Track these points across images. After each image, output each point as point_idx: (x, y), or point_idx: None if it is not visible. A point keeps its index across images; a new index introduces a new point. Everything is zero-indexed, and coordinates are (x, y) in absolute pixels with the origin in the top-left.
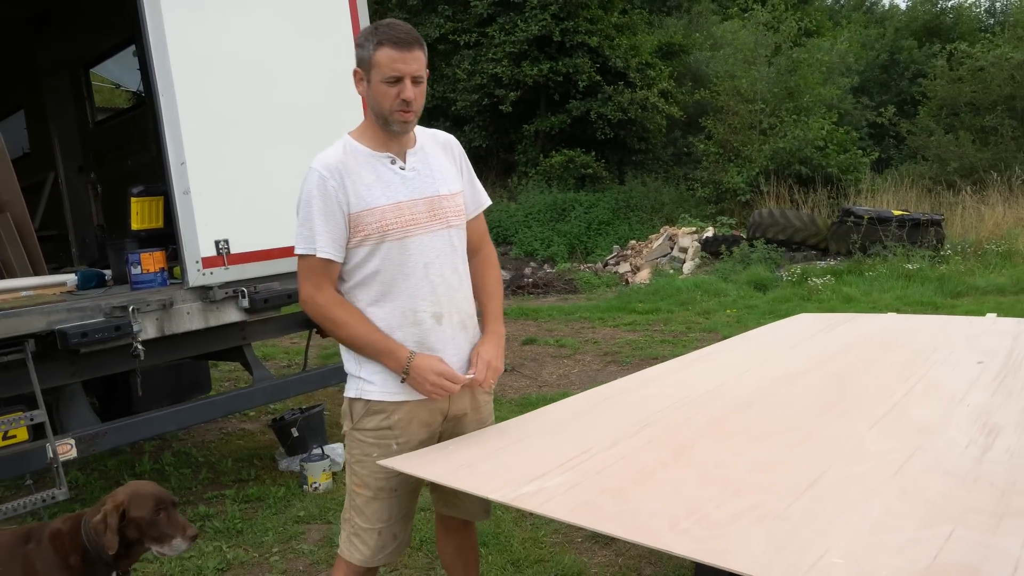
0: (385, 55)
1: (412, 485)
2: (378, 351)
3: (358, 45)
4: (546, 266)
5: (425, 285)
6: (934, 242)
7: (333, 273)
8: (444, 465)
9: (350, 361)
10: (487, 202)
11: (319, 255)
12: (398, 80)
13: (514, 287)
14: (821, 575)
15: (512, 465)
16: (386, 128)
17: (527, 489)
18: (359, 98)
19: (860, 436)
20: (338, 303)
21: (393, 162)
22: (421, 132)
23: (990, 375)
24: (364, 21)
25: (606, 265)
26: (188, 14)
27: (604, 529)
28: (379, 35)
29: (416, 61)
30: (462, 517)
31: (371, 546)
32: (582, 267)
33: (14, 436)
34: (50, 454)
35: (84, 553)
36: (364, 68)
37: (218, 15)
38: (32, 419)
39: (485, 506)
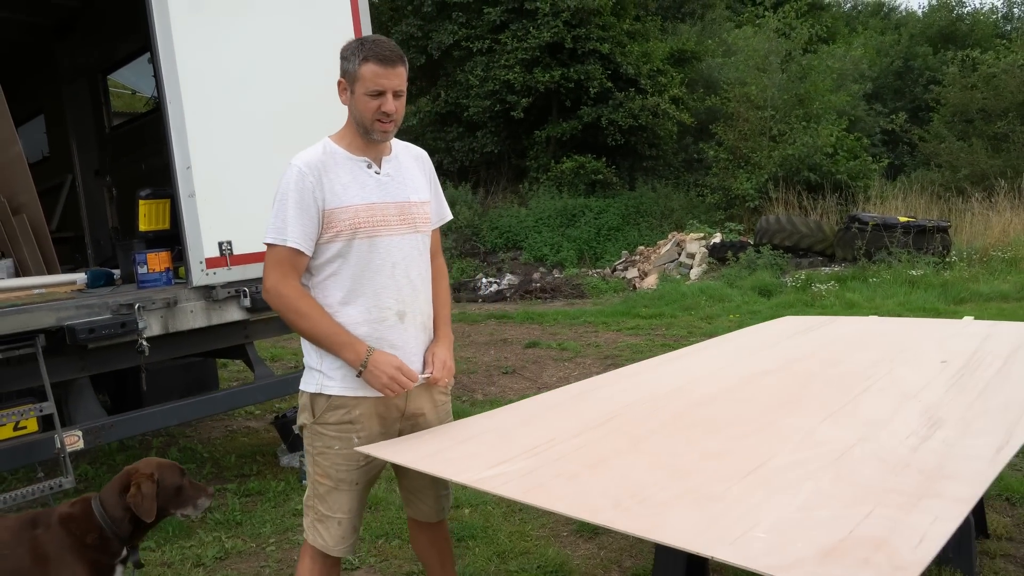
0: (370, 70)
1: (369, 479)
2: (339, 343)
3: (343, 58)
4: (555, 271)
5: (391, 284)
6: (940, 248)
7: (300, 265)
8: (413, 452)
9: (311, 355)
10: (449, 216)
11: (289, 244)
12: (380, 94)
13: (522, 292)
14: (742, 547)
15: (477, 452)
16: (366, 136)
17: (488, 473)
18: None
19: (811, 428)
20: (302, 295)
21: (369, 166)
22: (397, 143)
23: (949, 373)
24: (366, 27)
25: (614, 270)
26: (196, 25)
27: (553, 508)
28: (365, 50)
29: (398, 77)
30: (418, 518)
31: (333, 535)
32: (591, 272)
33: (24, 427)
34: (58, 444)
35: (100, 532)
36: (348, 80)
37: (226, 25)
38: (42, 411)
39: (439, 507)
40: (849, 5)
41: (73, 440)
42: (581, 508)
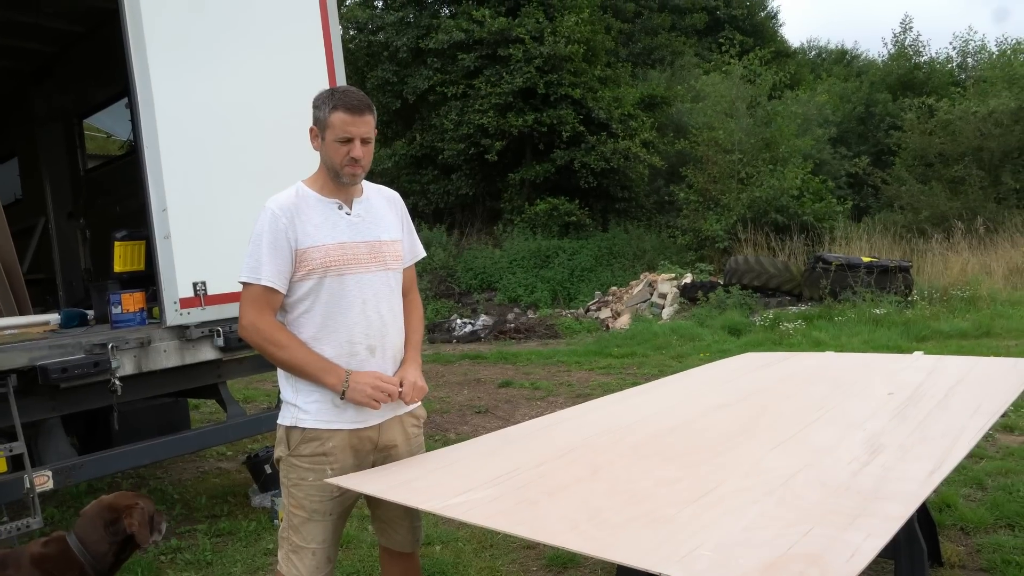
0: (339, 118)
1: (343, 510)
2: (319, 369)
3: (315, 107)
4: (529, 312)
5: (362, 320)
6: (902, 288)
7: (275, 302)
8: (383, 482)
9: (287, 389)
10: (422, 253)
11: (263, 283)
12: (349, 140)
13: (496, 332)
14: (688, 564)
15: (444, 482)
16: (336, 180)
17: (454, 501)
18: None
19: (760, 456)
20: (278, 327)
21: (340, 207)
22: (368, 186)
23: (894, 404)
24: (340, 75)
25: (588, 311)
26: (174, 71)
27: (514, 531)
28: (335, 100)
29: (366, 124)
30: (393, 548)
31: (308, 566)
32: (564, 313)
33: None
34: (27, 484)
35: (80, 569)
36: (319, 127)
37: (203, 72)
38: (11, 451)
39: (413, 538)
40: (814, 53)
41: (43, 480)
42: (540, 531)
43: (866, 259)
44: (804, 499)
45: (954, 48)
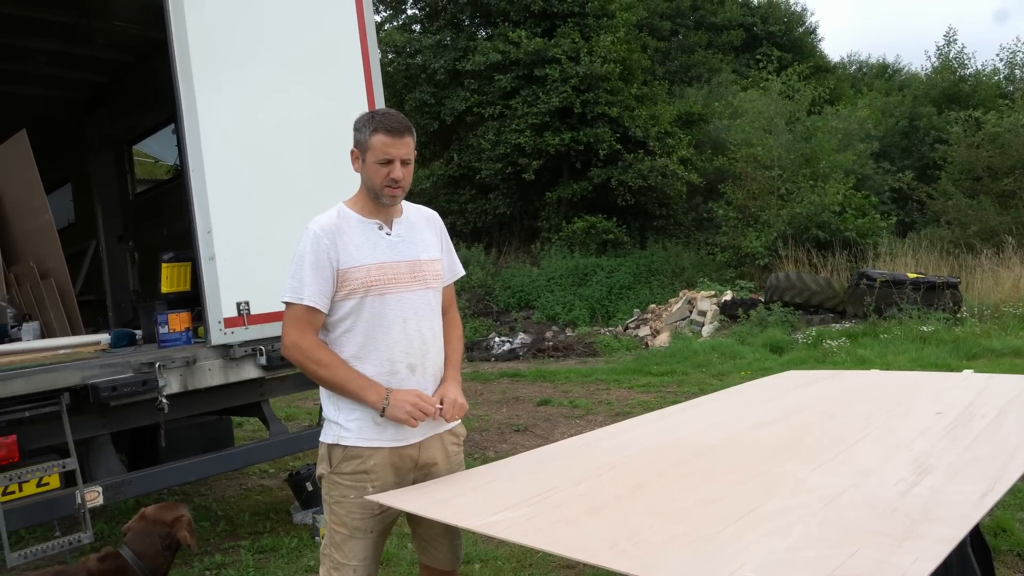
0: (379, 140)
1: (384, 528)
2: (359, 387)
3: (356, 129)
4: (567, 330)
5: (402, 339)
6: (951, 304)
7: (317, 322)
8: (422, 500)
9: (329, 407)
10: (461, 272)
11: (305, 303)
12: (389, 162)
13: (534, 350)
14: None
15: (483, 500)
16: (376, 201)
17: (493, 519)
18: None
19: (803, 476)
20: (320, 346)
21: (380, 228)
22: (408, 206)
23: (943, 424)
24: (379, 98)
25: (626, 329)
26: (219, 99)
27: (552, 549)
28: (375, 122)
29: (405, 146)
30: (434, 565)
31: None
32: (603, 331)
33: (47, 483)
34: (79, 500)
35: None
36: (360, 149)
37: (247, 98)
38: (64, 467)
39: (454, 556)
40: (854, 67)
41: (93, 496)
42: (579, 550)
43: (912, 275)
44: (849, 520)
45: (1001, 60)
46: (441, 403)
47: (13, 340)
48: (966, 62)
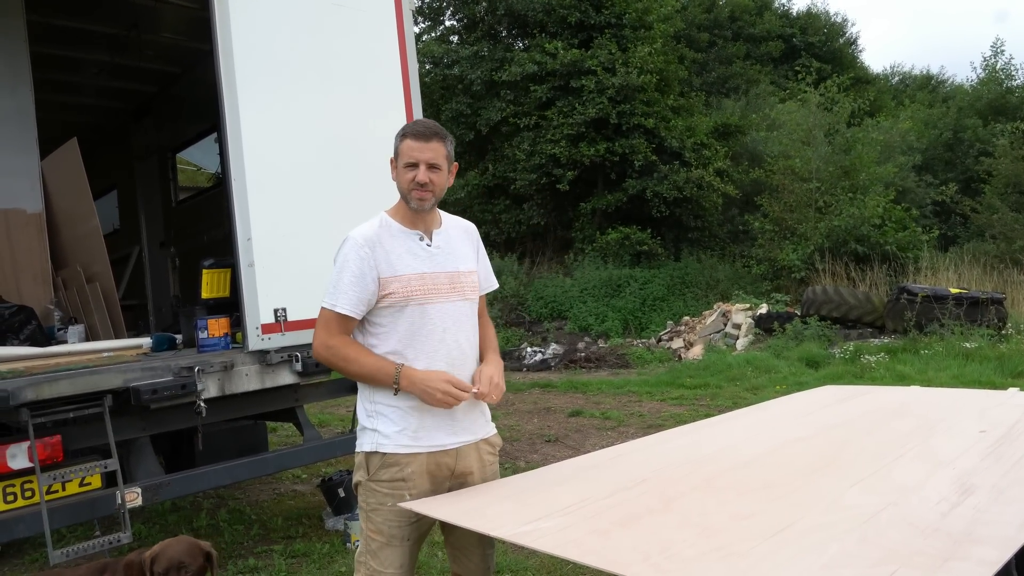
0: (407, 145)
1: (419, 536)
2: (389, 374)
3: (394, 139)
4: (600, 341)
5: (441, 348)
6: (995, 320)
7: (347, 328)
8: (455, 508)
9: (366, 416)
10: (495, 284)
11: (337, 310)
12: (415, 165)
13: (566, 361)
14: None
15: (515, 509)
16: (408, 205)
17: (525, 529)
18: None
19: (840, 492)
20: (349, 343)
21: (421, 239)
22: (446, 217)
23: (987, 443)
24: (417, 108)
25: (659, 341)
26: (262, 109)
27: (584, 560)
28: (405, 129)
29: (431, 150)
30: (465, 575)
31: None
32: (635, 342)
33: (89, 483)
34: (119, 500)
35: None
36: (395, 156)
37: (289, 109)
38: (106, 467)
39: (485, 566)
40: (896, 79)
41: (133, 497)
42: (611, 562)
43: (954, 290)
44: (888, 538)
45: None
46: (476, 382)
47: (60, 342)
48: (1013, 73)
